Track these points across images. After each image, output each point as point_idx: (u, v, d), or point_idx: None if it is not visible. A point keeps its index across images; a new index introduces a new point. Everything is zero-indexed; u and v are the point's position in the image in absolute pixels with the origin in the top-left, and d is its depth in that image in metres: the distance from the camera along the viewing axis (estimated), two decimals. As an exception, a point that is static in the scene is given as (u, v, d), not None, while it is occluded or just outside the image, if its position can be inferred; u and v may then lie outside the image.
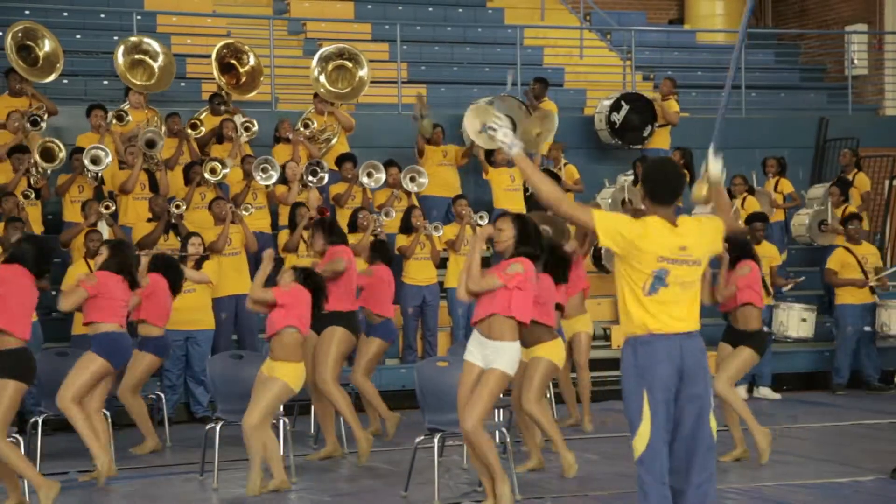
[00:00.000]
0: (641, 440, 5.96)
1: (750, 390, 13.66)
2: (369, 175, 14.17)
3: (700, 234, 6.13)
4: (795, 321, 13.85)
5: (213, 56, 15.25)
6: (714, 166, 6.47)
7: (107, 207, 12.79)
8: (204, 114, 14.89)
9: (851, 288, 14.08)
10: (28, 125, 13.47)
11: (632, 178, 15.64)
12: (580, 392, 11.61)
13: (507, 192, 14.80)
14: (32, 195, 12.93)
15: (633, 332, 6.04)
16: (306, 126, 14.83)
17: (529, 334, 8.72)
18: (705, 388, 6.05)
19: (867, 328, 14.04)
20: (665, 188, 6.11)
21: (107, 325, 9.46)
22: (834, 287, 14.37)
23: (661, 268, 5.96)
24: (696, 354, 6.04)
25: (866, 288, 14.08)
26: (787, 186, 15.99)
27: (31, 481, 8.33)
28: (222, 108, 14.80)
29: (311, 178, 13.84)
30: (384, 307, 11.09)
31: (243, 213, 12.94)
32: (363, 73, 15.59)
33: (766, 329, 13.05)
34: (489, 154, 14.98)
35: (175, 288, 10.81)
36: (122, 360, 9.71)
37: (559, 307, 9.68)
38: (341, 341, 10.12)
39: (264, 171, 13.63)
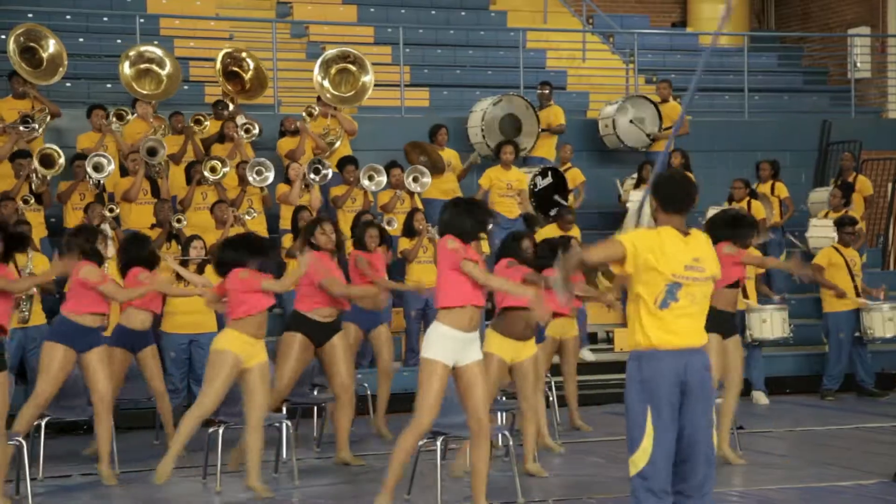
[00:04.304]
0: (643, 455, 5.97)
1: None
2: (370, 178, 14.17)
3: (710, 248, 6.16)
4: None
5: (218, 67, 15.24)
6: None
7: (111, 210, 12.79)
8: (209, 118, 14.87)
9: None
10: (20, 127, 13.46)
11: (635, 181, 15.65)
12: (568, 397, 11.59)
13: (502, 198, 14.79)
14: (32, 200, 12.93)
15: (639, 346, 6.04)
16: (310, 114, 14.85)
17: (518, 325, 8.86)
18: (707, 404, 6.07)
19: (857, 333, 13.98)
20: (677, 198, 6.12)
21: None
22: (819, 283, 14.23)
23: (673, 282, 5.98)
24: (700, 370, 6.05)
25: (852, 293, 13.94)
26: (782, 191, 15.83)
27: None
28: (225, 112, 14.81)
29: (313, 175, 13.85)
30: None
31: (246, 217, 12.94)
32: (367, 77, 15.60)
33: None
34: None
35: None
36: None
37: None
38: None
39: (258, 173, 13.64)
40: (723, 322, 9.52)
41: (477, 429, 7.88)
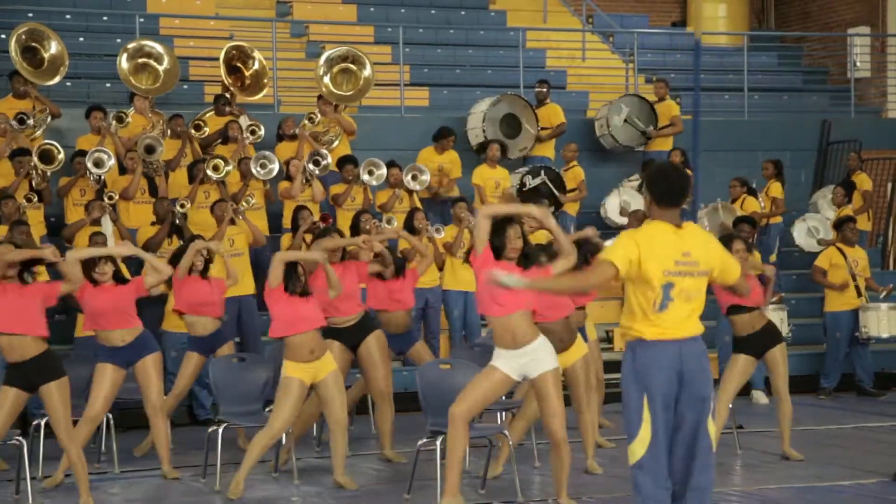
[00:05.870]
0: (641, 444, 5.95)
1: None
2: (370, 173, 14.15)
3: (706, 243, 6.11)
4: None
5: (222, 57, 15.25)
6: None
7: (109, 198, 12.78)
8: (208, 114, 14.88)
9: (841, 294, 13.95)
10: (15, 123, 13.43)
11: (637, 182, 15.61)
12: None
13: (492, 198, 14.78)
14: (35, 199, 12.92)
15: (633, 337, 6.04)
16: (311, 120, 14.85)
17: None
18: (705, 392, 6.04)
19: (857, 333, 13.96)
20: (670, 191, 6.08)
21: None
22: (819, 284, 14.25)
23: (666, 282, 5.95)
24: (697, 358, 6.02)
25: (853, 293, 13.96)
26: (775, 190, 15.70)
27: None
28: (227, 109, 14.81)
29: (312, 167, 13.85)
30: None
31: (244, 205, 12.93)
32: (367, 72, 15.57)
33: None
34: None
35: None
36: None
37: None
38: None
39: (262, 166, 13.62)
40: None
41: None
